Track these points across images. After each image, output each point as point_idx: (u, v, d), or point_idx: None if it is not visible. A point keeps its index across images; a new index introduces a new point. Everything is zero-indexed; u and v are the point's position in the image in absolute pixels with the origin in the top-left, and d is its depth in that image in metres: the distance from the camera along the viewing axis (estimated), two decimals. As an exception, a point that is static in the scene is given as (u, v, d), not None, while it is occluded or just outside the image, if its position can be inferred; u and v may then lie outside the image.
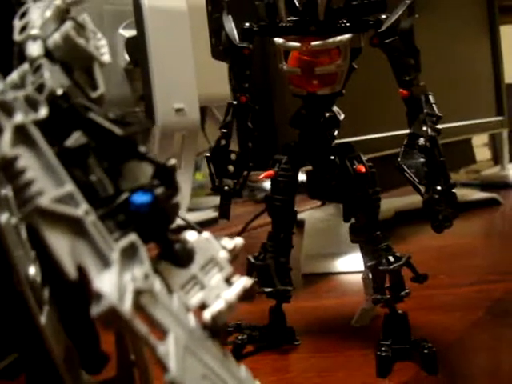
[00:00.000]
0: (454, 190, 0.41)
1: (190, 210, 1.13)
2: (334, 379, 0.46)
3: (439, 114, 0.42)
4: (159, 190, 0.20)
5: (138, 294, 0.18)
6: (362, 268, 0.49)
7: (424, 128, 0.42)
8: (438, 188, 0.40)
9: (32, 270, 0.22)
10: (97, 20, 1.03)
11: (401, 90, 0.43)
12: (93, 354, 0.28)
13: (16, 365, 0.28)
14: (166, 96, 1.04)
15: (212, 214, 1.11)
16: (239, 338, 0.50)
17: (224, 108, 0.49)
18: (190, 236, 0.22)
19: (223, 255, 0.22)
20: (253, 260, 0.50)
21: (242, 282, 0.21)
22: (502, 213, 1.08)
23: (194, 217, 1.03)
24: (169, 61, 1.04)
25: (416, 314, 0.55)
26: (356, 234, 0.49)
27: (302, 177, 0.59)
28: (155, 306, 0.19)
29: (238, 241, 0.23)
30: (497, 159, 1.39)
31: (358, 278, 0.50)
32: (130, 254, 0.19)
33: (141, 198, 0.19)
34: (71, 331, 0.26)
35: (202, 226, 0.96)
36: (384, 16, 0.43)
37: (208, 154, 0.50)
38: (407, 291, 0.47)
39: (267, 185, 0.50)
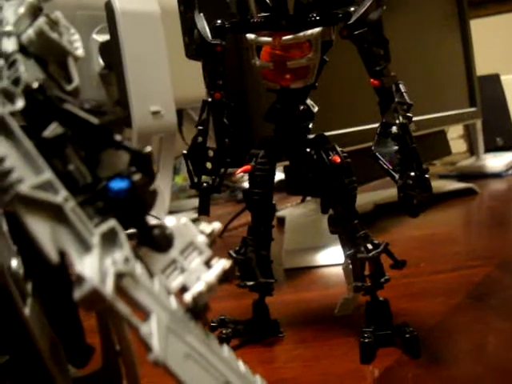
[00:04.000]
0: (426, 175, 0.42)
1: (171, 212, 1.14)
2: (319, 368, 0.47)
3: (410, 102, 0.43)
4: (136, 177, 0.20)
5: (119, 276, 0.19)
6: (343, 260, 0.49)
7: (396, 116, 0.43)
8: (412, 174, 0.41)
9: (14, 263, 0.23)
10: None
11: (372, 80, 0.44)
12: (78, 346, 0.28)
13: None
14: (142, 99, 1.04)
15: (193, 215, 1.11)
16: (224, 332, 0.51)
17: (200, 109, 0.50)
18: (169, 221, 0.22)
19: (202, 239, 0.22)
20: (234, 254, 0.50)
21: (221, 264, 0.22)
22: (478, 202, 1.10)
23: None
24: (143, 64, 1.05)
25: (398, 302, 0.56)
26: (334, 225, 0.49)
27: (280, 174, 0.60)
28: (137, 289, 0.19)
29: (216, 225, 0.23)
30: (472, 150, 1.41)
31: (340, 270, 0.51)
32: (109, 238, 0.19)
33: (118, 185, 0.20)
34: (56, 325, 0.26)
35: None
36: (353, 8, 0.44)
37: (185, 152, 0.50)
38: (387, 277, 0.47)
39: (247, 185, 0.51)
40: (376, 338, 0.47)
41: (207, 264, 0.22)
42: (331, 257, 0.74)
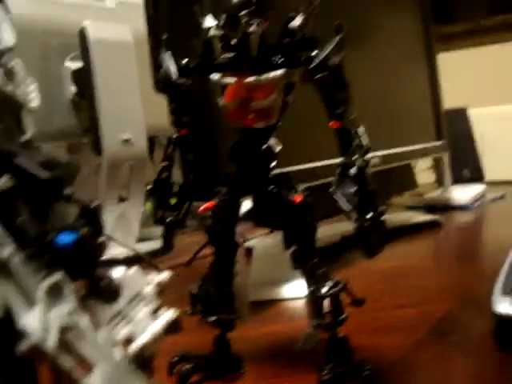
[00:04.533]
0: (383, 217, 0.43)
1: (141, 240, 1.13)
2: (277, 404, 0.47)
3: (368, 146, 0.45)
4: (84, 230, 0.21)
5: (63, 330, 0.19)
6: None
7: (354, 159, 0.44)
8: (369, 215, 0.42)
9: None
10: (42, 52, 1.04)
11: (332, 122, 0.45)
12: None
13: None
14: (113, 127, 1.04)
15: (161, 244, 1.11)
16: (185, 367, 0.51)
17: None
18: (117, 272, 0.23)
19: (150, 289, 0.23)
20: (196, 290, 0.51)
21: (168, 314, 0.22)
22: (444, 234, 1.11)
23: (144, 247, 1.03)
24: (115, 92, 1.05)
25: (359, 337, 0.57)
26: (296, 261, 0.50)
27: (247, 205, 0.61)
28: (81, 341, 0.20)
29: (165, 275, 0.24)
30: (440, 182, 1.43)
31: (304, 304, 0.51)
32: (55, 292, 0.20)
33: (66, 238, 0.20)
34: (7, 376, 0.26)
35: (152, 255, 0.96)
36: (315, 52, 0.45)
37: (150, 187, 0.51)
38: (345, 316, 0.48)
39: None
40: (335, 375, 0.47)
41: (154, 314, 0.22)
42: (297, 290, 0.74)
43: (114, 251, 0.90)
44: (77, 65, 1.06)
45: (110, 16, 1.14)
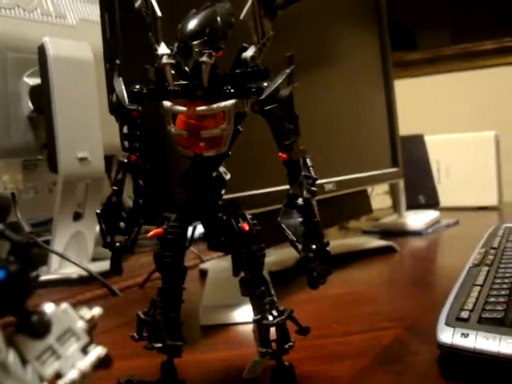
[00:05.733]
0: (328, 248, 0.43)
1: (94, 259, 1.12)
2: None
3: (315, 177, 0.45)
4: (13, 267, 0.21)
5: (-13, 368, 0.19)
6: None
7: (301, 189, 0.44)
8: (313, 247, 0.43)
9: None
10: (0, 67, 1.03)
11: (280, 153, 0.46)
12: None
13: None
14: (70, 145, 1.04)
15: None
16: (129, 394, 0.51)
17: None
18: (48, 308, 0.23)
19: (80, 325, 0.23)
20: (143, 316, 0.51)
21: (97, 351, 0.22)
22: (397, 260, 1.13)
23: (97, 266, 1.02)
24: (73, 110, 1.05)
25: (306, 364, 0.58)
26: (244, 288, 0.51)
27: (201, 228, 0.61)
28: (8, 378, 0.20)
29: (96, 311, 0.24)
30: (396, 207, 1.46)
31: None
32: (-19, 329, 0.20)
33: (-6, 275, 0.20)
34: None
35: (105, 275, 0.95)
36: (266, 84, 0.46)
37: (99, 211, 0.50)
38: (291, 344, 0.49)
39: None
40: (280, 403, 0.47)
41: (84, 350, 0.22)
42: (249, 314, 0.74)
43: (67, 270, 0.89)
44: (35, 81, 1.06)
45: (71, 33, 1.14)
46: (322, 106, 0.97)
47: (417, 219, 1.38)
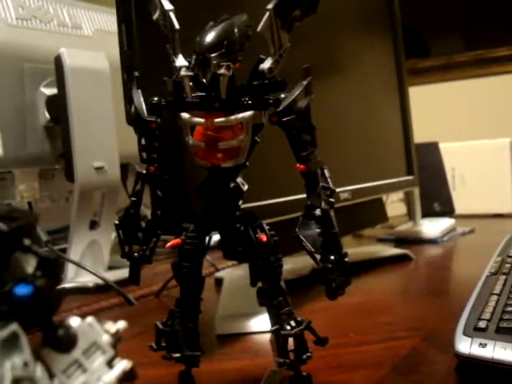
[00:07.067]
0: (346, 259, 0.43)
1: (111, 268, 1.13)
2: None
3: (333, 188, 0.45)
4: (40, 282, 0.21)
5: (16, 381, 0.19)
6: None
7: (319, 200, 0.45)
8: (332, 257, 0.43)
9: None
10: (17, 77, 1.04)
11: (298, 164, 0.46)
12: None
13: None
14: (86, 154, 1.04)
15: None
16: (148, 403, 0.51)
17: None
18: (74, 321, 0.23)
19: (106, 339, 0.23)
20: (161, 326, 0.51)
21: (123, 364, 0.22)
22: (413, 268, 1.13)
23: (113, 275, 1.03)
24: (89, 119, 1.06)
25: (324, 373, 0.57)
26: (262, 299, 0.51)
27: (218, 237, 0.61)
28: (35, 393, 0.20)
29: (121, 324, 0.24)
30: (411, 215, 1.45)
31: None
32: (10, 343, 0.20)
33: (22, 290, 0.21)
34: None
35: (121, 284, 0.96)
36: (283, 95, 0.46)
37: (117, 222, 0.51)
38: (309, 354, 0.49)
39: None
40: (298, 413, 0.47)
41: (109, 364, 0.22)
42: (265, 323, 0.74)
43: (83, 278, 0.89)
44: (52, 91, 1.07)
45: (87, 44, 1.15)
46: (336, 114, 0.97)
47: (432, 227, 1.38)
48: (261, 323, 0.75)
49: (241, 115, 0.46)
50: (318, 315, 0.53)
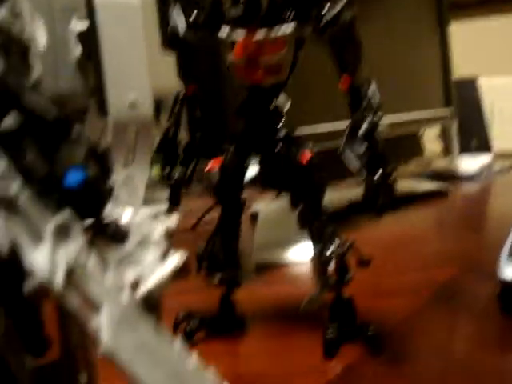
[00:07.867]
0: (392, 177, 0.42)
1: (146, 203, 1.13)
2: (282, 362, 0.47)
3: (379, 103, 0.44)
4: (92, 169, 0.20)
5: (70, 269, 0.19)
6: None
7: (365, 115, 0.43)
8: (378, 174, 0.42)
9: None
10: (47, 14, 1.03)
11: (341, 81, 0.44)
12: (36, 337, 0.28)
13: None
14: (119, 89, 1.03)
15: (166, 206, 1.11)
16: (190, 325, 0.51)
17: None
18: (126, 215, 0.22)
19: (158, 233, 0.22)
20: (202, 248, 0.51)
21: (176, 258, 0.22)
22: (449, 204, 1.11)
23: (149, 210, 1.03)
24: (121, 54, 1.04)
25: (363, 299, 0.57)
26: (303, 221, 0.50)
27: (254, 170, 0.60)
28: (88, 281, 0.20)
29: (174, 218, 0.23)
30: (447, 151, 1.42)
31: (309, 267, 0.51)
32: (63, 230, 0.20)
33: (74, 177, 0.20)
34: (12, 314, 0.26)
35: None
36: (326, 8, 0.44)
37: (157, 144, 0.50)
38: (351, 275, 0.48)
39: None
40: (339, 334, 0.47)
41: (162, 258, 0.22)
42: (302, 253, 0.74)
43: (120, 213, 0.90)
44: (82, 26, 1.05)
45: (117, -24, 1.13)
46: (374, 46, 0.94)
47: (469, 163, 1.35)
48: (298, 253, 0.75)
49: (282, 29, 0.44)
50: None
